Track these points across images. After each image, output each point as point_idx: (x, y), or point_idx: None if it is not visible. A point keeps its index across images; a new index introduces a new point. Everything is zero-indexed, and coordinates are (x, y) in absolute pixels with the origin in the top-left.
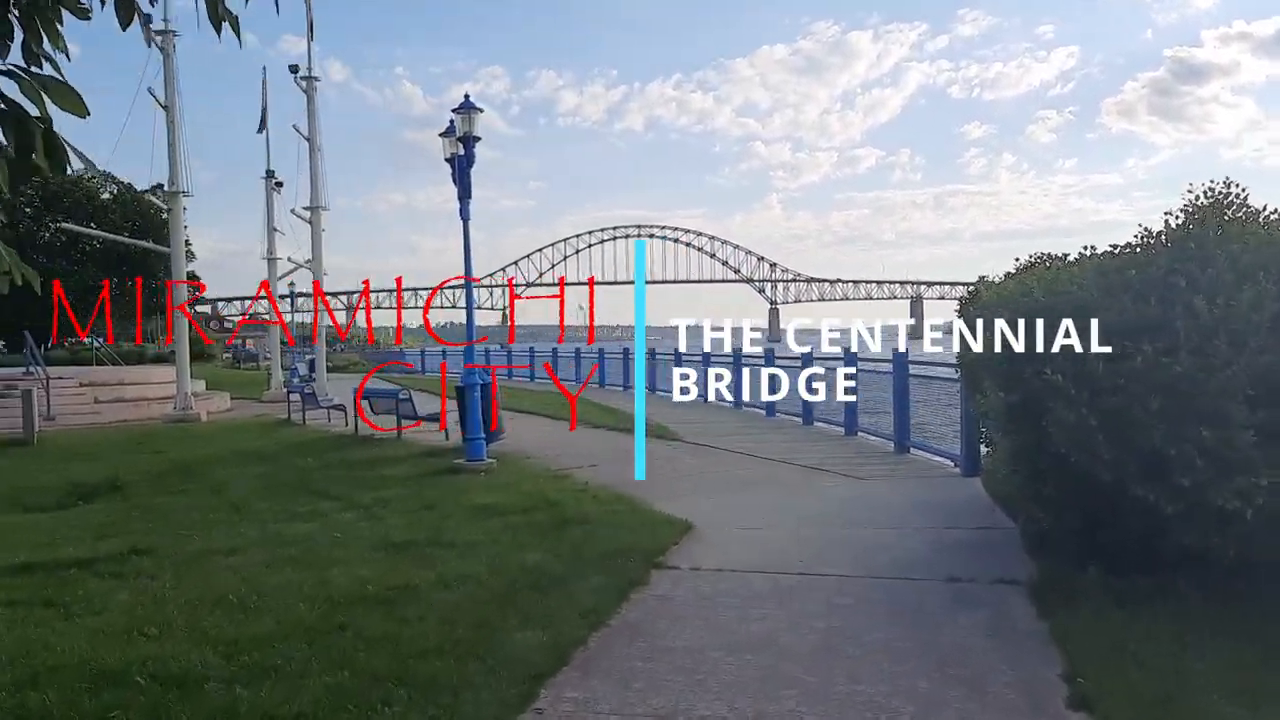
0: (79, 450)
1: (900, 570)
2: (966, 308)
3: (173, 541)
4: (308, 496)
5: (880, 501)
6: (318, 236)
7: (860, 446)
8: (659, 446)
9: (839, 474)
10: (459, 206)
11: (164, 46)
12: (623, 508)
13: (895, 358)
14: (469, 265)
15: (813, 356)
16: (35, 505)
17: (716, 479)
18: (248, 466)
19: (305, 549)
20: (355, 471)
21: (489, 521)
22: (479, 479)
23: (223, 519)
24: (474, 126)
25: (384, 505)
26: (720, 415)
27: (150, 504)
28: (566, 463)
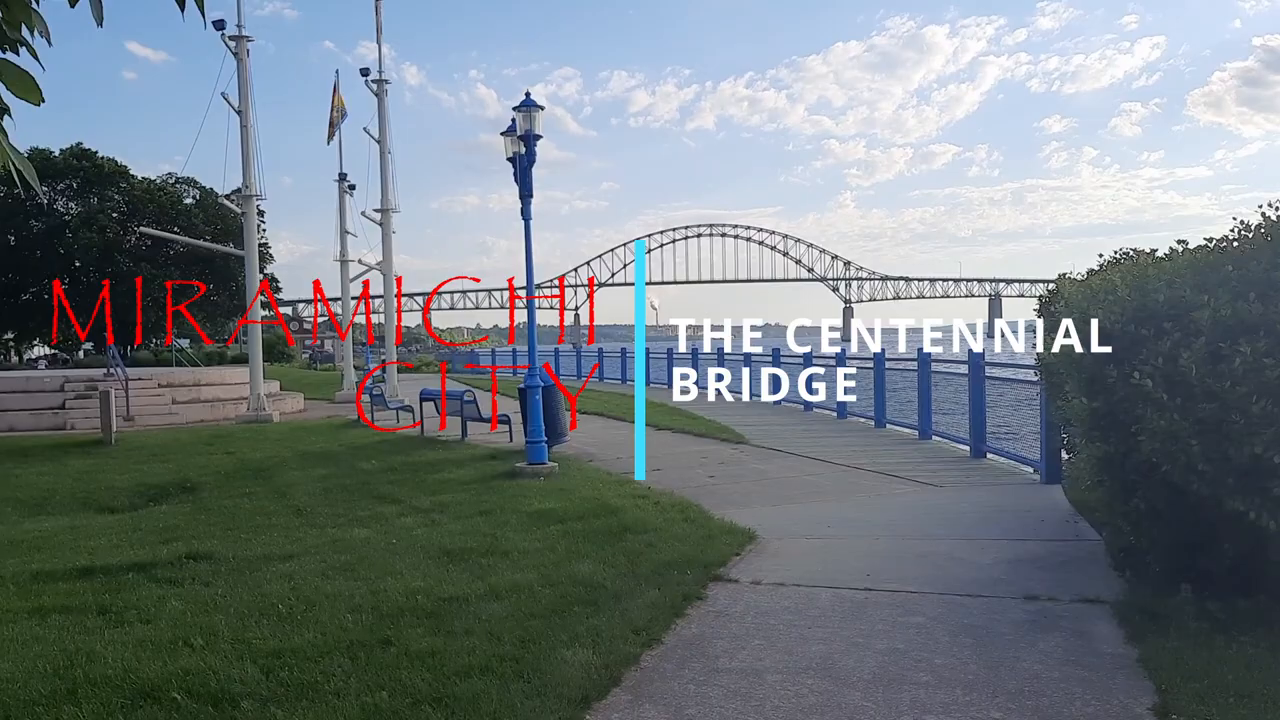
0: (154, 451)
1: (974, 586)
2: (1047, 306)
3: (232, 546)
4: (369, 500)
5: (953, 510)
6: (388, 238)
7: (934, 451)
8: (723, 449)
9: (910, 480)
10: (521, 206)
11: (237, 52)
12: (683, 515)
13: (971, 359)
14: (530, 266)
15: (884, 357)
16: (108, 506)
17: (782, 484)
18: (314, 468)
19: (360, 556)
20: (417, 475)
21: (546, 528)
22: (539, 483)
23: (284, 523)
24: (535, 124)
25: (443, 510)
26: (788, 417)
27: (217, 506)
28: (628, 467)
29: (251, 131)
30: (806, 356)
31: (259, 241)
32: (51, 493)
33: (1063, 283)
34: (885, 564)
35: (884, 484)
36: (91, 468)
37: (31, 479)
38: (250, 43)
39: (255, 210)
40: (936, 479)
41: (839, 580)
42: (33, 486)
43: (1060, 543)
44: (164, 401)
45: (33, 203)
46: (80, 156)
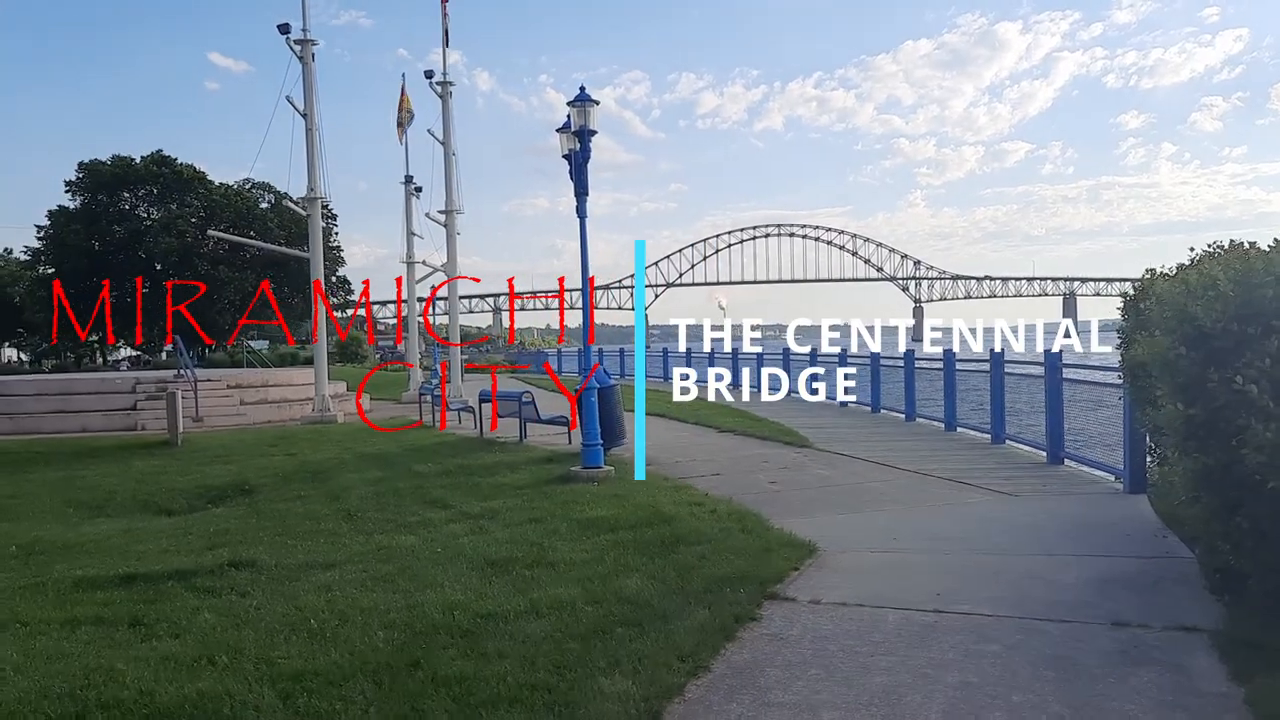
0: (218, 452)
1: (1054, 610)
2: (1134, 304)
3: (277, 552)
4: (420, 505)
5: (1030, 522)
6: (452, 239)
7: (1007, 456)
8: (786, 453)
9: (983, 488)
10: (576, 204)
11: (302, 56)
12: (741, 525)
13: (1047, 359)
14: (585, 265)
15: (954, 356)
16: (166, 508)
17: (847, 492)
18: (369, 471)
19: (403, 566)
20: (471, 478)
21: (596, 538)
22: (593, 489)
23: (332, 528)
24: (590, 119)
25: (492, 517)
26: (855, 419)
27: (270, 509)
28: (687, 471)
29: (316, 134)
30: (874, 356)
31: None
32: (113, 494)
33: (1153, 279)
34: (957, 582)
35: (955, 491)
36: (155, 469)
37: (96, 480)
38: (315, 47)
39: (320, 212)
40: (1011, 486)
41: (906, 600)
42: (96, 488)
43: (1149, 560)
44: (232, 402)
45: (116, 209)
46: (160, 163)
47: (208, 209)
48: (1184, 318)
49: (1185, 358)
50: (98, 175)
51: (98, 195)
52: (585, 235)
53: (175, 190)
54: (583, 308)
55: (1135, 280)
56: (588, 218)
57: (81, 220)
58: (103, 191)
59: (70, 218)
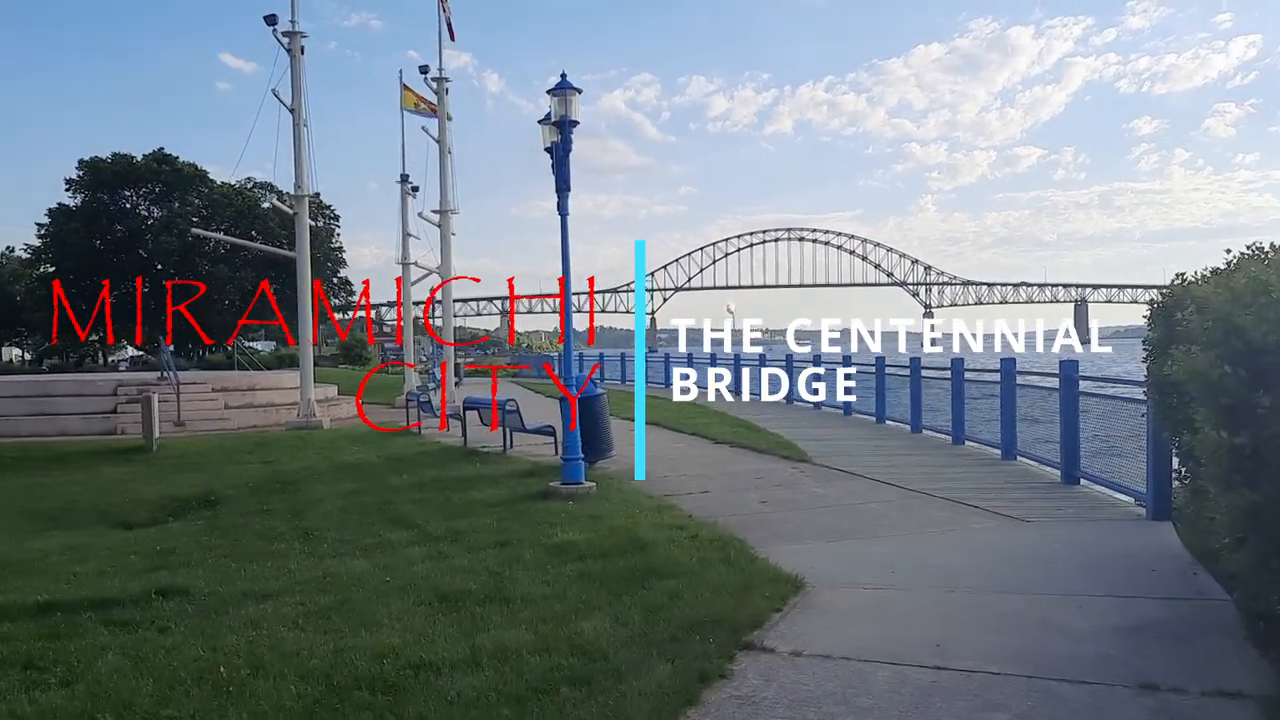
0: (192, 459)
1: (1072, 667)
2: (1164, 312)
3: (216, 578)
4: (383, 524)
5: (1043, 553)
6: (446, 240)
7: (1018, 474)
8: (782, 469)
9: (991, 512)
10: (557, 200)
11: (290, 48)
12: (722, 554)
13: (1063, 370)
14: (567, 265)
15: (963, 364)
16: (125, 521)
17: (843, 514)
18: (342, 483)
19: (345, 597)
20: (444, 492)
21: (561, 567)
22: (569, 508)
23: (285, 549)
24: (572, 109)
25: (456, 538)
26: (859, 430)
27: (229, 525)
28: (674, 488)
29: (304, 130)
30: (879, 361)
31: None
32: (73, 504)
33: (1187, 285)
34: (960, 629)
35: (961, 515)
36: (123, 477)
37: (60, 488)
38: (304, 39)
39: (307, 210)
40: (1022, 510)
41: (901, 652)
42: (58, 497)
43: (1179, 603)
44: (216, 406)
45: (117, 207)
46: (161, 161)
47: (209, 208)
48: (1230, 329)
49: (1230, 377)
50: (99, 173)
51: (98, 193)
52: (566, 234)
53: (176, 189)
54: (564, 309)
55: (1148, 287)
56: (569, 215)
57: (81, 218)
58: (103, 189)
59: (70, 216)
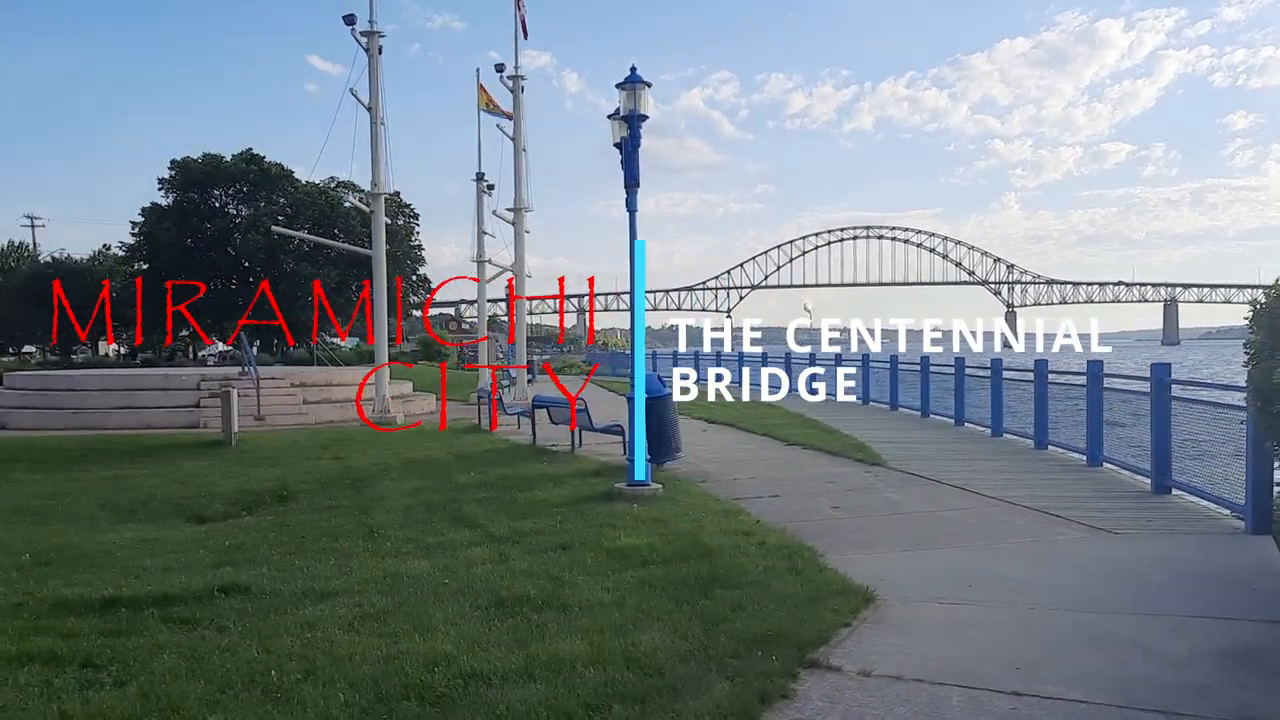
0: (268, 454)
1: (1166, 697)
2: (1267, 315)
3: (279, 576)
4: (447, 523)
5: (1134, 568)
6: (520, 238)
7: (1105, 482)
8: (855, 473)
9: (1077, 523)
10: (626, 197)
11: (369, 48)
12: (790, 563)
13: (1154, 374)
14: (635, 262)
15: (1047, 366)
16: (199, 514)
17: (918, 522)
18: (411, 479)
19: (404, 599)
20: (509, 492)
21: (622, 574)
22: (633, 511)
23: (348, 547)
24: (641, 103)
25: (518, 540)
26: (936, 433)
27: (297, 520)
28: (743, 491)
29: (381, 129)
30: (958, 364)
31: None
32: (151, 497)
33: None
34: (1043, 650)
35: (1044, 526)
36: (201, 470)
37: (139, 481)
38: (382, 38)
39: (383, 208)
40: (1109, 521)
41: (977, 675)
42: (137, 490)
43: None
44: (295, 401)
45: (206, 205)
46: (249, 161)
47: (293, 206)
48: None
49: None
50: (189, 173)
51: (189, 192)
52: (635, 230)
53: (263, 188)
54: (631, 308)
55: (1242, 286)
56: (638, 211)
57: (173, 217)
58: (194, 189)
59: (162, 214)
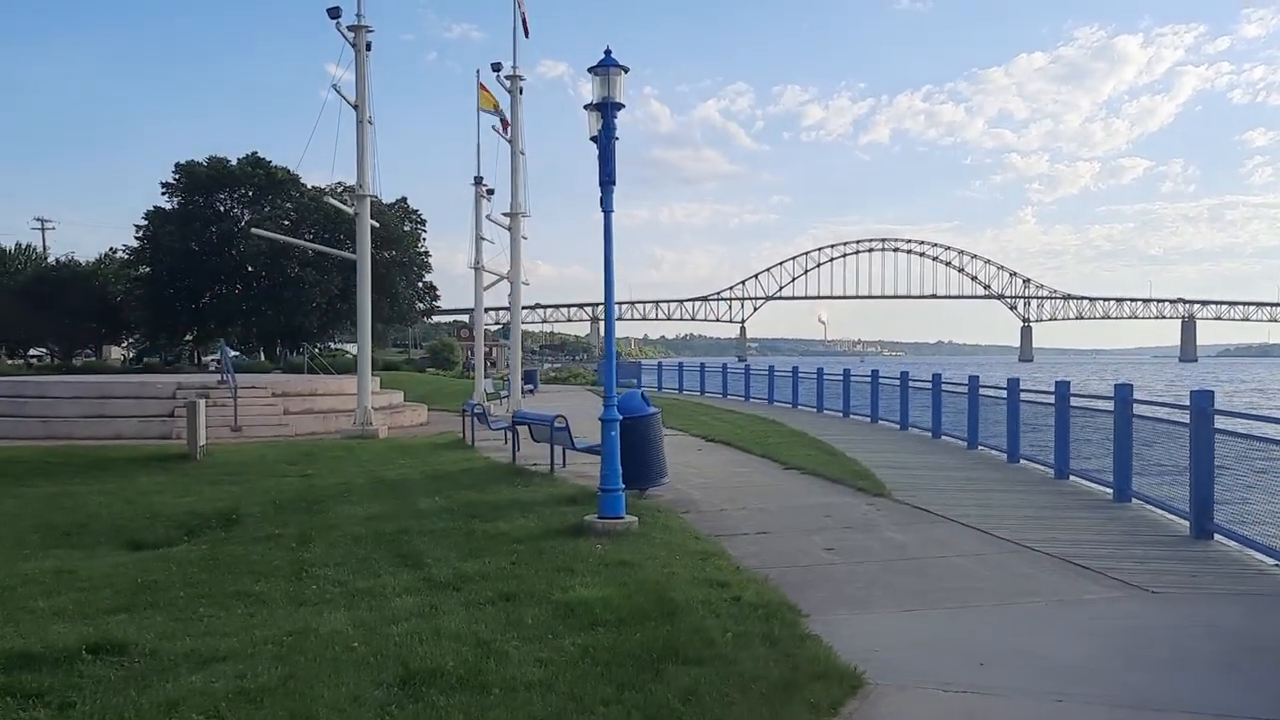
0: (233, 469)
1: None
2: None
3: (169, 630)
4: (388, 560)
5: (1178, 642)
6: (517, 243)
7: (1136, 523)
8: (855, 505)
9: (1107, 576)
10: (600, 195)
11: (355, 42)
12: (765, 628)
13: (1194, 402)
14: (609, 266)
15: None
16: (136, 540)
17: (923, 571)
18: (371, 503)
19: (297, 669)
20: (470, 522)
21: (566, 638)
22: (599, 549)
23: (267, 591)
24: (615, 90)
25: (459, 586)
26: (948, 457)
27: (229, 553)
28: (729, 525)
29: (367, 128)
30: (972, 381)
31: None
32: (92, 519)
33: None
34: None
35: (1067, 580)
36: (155, 488)
37: (85, 499)
38: (370, 33)
39: (369, 210)
40: (1145, 574)
41: None
42: (79, 510)
43: None
44: (275, 412)
45: (213, 210)
46: (255, 165)
47: (298, 211)
48: None
49: None
50: (194, 176)
51: (194, 196)
52: (610, 233)
53: (269, 192)
54: (606, 316)
55: (1262, 304)
56: (614, 212)
57: (176, 221)
58: (199, 192)
59: (166, 218)
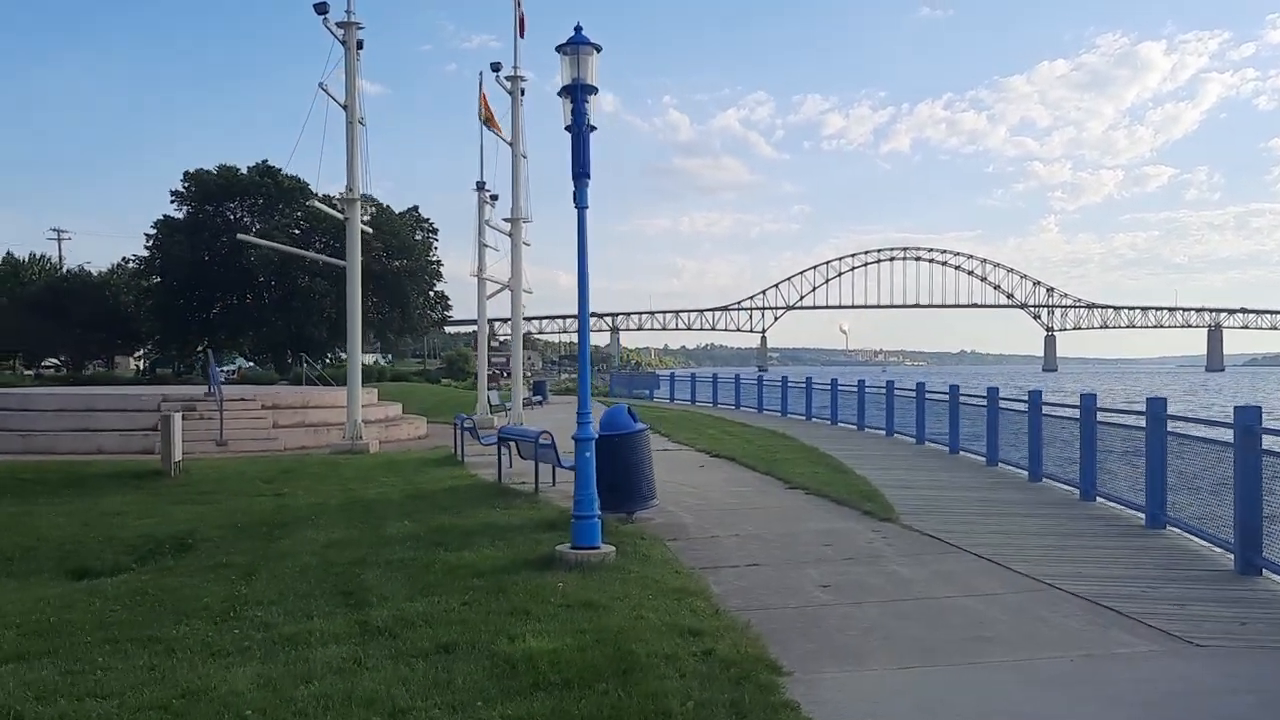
0: (205, 488)
1: None
2: None
3: (46, 688)
4: (330, 598)
5: (1231, 715)
6: (518, 250)
7: (1172, 554)
8: (860, 531)
9: (1142, 623)
10: (574, 190)
11: (345, 40)
12: (736, 695)
13: (1238, 420)
14: (583, 267)
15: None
16: (82, 567)
17: (929, 616)
18: (335, 528)
19: None
20: (434, 550)
21: (497, 708)
22: (565, 587)
23: (184, 635)
24: (587, 71)
25: (396, 633)
26: (964, 474)
27: (165, 586)
28: (718, 556)
29: (357, 129)
30: (991, 393)
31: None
32: (41, 543)
33: None
34: None
35: (1097, 628)
36: (120, 508)
37: (42, 520)
38: (360, 30)
39: (359, 215)
40: (1185, 621)
41: None
42: (31, 533)
43: None
44: (265, 425)
45: (222, 219)
46: (265, 174)
47: (309, 220)
48: None
49: None
50: (203, 185)
51: (204, 205)
52: (584, 231)
53: (279, 201)
54: (580, 323)
55: None
56: (588, 208)
57: (186, 230)
58: (209, 201)
59: (175, 228)
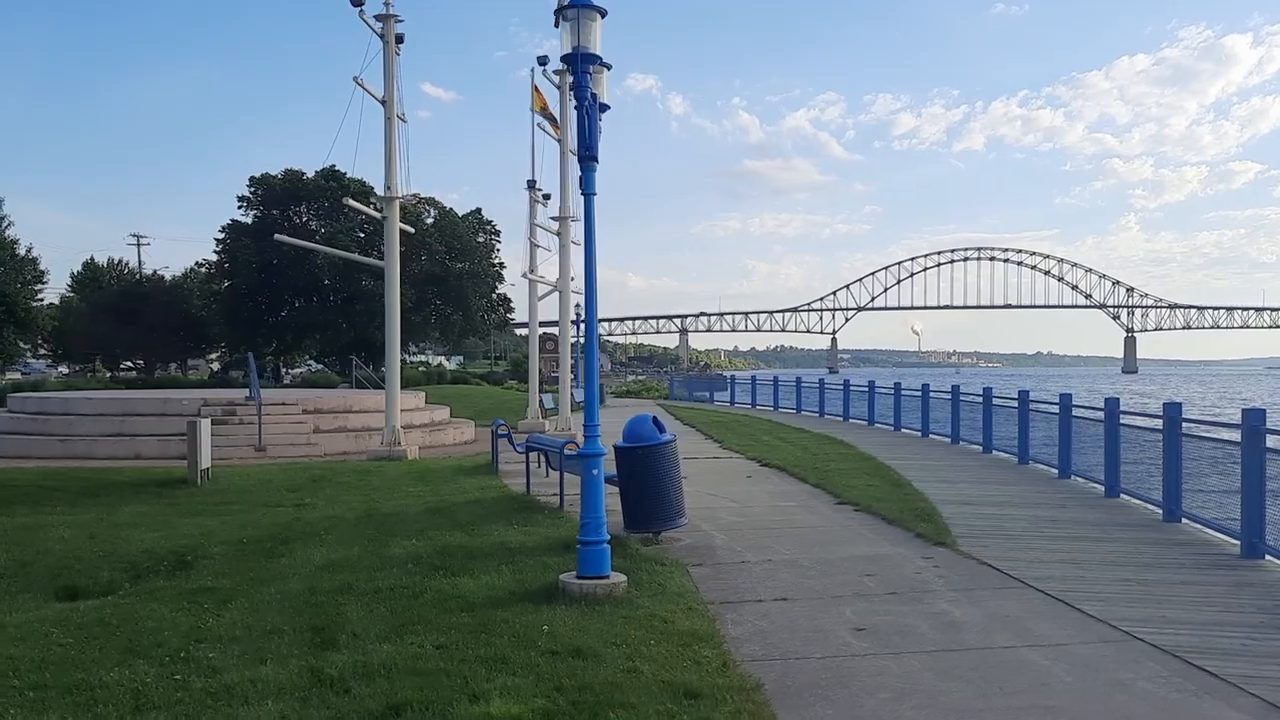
0: (227, 498)
1: None
2: None
3: None
4: (298, 634)
5: None
6: (566, 249)
7: (1276, 592)
8: (908, 558)
9: (1244, 690)
10: (580, 175)
11: (384, 33)
12: None
13: None
14: (591, 259)
15: (1180, 411)
16: (73, 586)
17: (981, 675)
18: (339, 545)
19: None
20: (432, 576)
21: None
22: (560, 626)
23: (114, 681)
24: (589, 39)
25: (349, 686)
26: (1032, 488)
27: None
28: (743, 587)
29: (395, 124)
30: (1064, 399)
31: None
32: (40, 556)
33: None
34: None
35: (1186, 696)
36: (133, 520)
37: (48, 533)
38: (399, 23)
39: (397, 214)
40: None
41: None
42: (31, 546)
43: None
44: (304, 430)
45: (289, 223)
46: (330, 178)
47: (373, 223)
48: None
49: None
50: (270, 189)
51: (270, 209)
52: (592, 219)
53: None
54: (586, 320)
55: None
56: (595, 194)
57: (253, 235)
58: (276, 205)
59: (243, 232)
